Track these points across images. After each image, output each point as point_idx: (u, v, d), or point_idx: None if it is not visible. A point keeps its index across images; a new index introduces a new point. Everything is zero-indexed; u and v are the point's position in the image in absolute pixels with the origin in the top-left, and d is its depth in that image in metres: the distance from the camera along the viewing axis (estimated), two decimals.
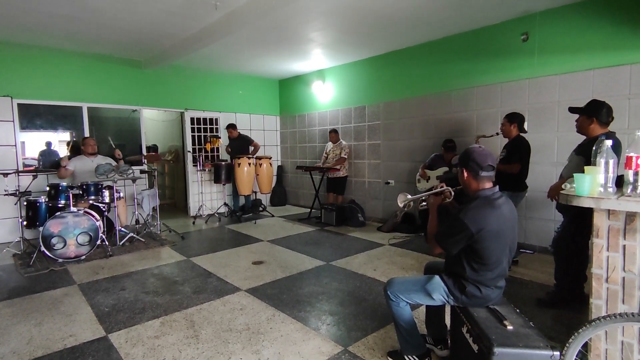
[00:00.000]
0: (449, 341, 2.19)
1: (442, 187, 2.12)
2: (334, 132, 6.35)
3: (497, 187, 1.91)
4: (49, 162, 5.70)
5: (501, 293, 1.93)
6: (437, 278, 1.97)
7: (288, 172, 8.08)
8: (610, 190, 1.72)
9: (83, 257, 4.12)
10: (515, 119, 3.64)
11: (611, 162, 1.72)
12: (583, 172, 1.74)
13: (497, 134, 3.83)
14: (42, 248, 3.92)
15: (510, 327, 1.68)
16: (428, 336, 2.30)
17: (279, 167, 8.13)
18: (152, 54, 5.80)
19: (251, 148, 6.48)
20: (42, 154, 6.04)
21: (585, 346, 1.69)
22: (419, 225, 5.29)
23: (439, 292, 1.94)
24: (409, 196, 2.20)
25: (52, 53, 5.38)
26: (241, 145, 6.50)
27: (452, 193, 2.10)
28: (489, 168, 1.85)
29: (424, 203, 2.21)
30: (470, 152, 1.90)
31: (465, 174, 1.91)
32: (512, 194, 3.38)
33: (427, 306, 2.24)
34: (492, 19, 4.40)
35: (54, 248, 3.97)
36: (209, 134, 6.91)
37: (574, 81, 3.96)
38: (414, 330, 2.06)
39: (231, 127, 6.51)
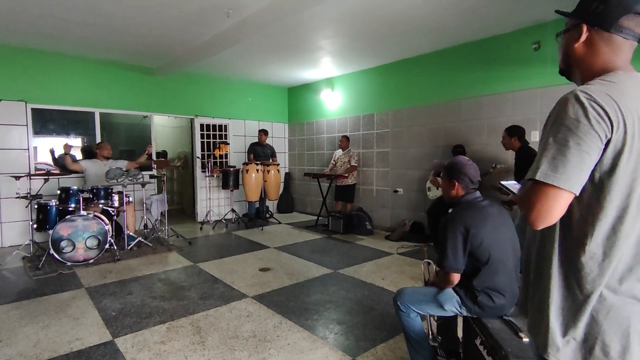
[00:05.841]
0: (462, 353, 2.13)
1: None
2: (345, 138, 6.30)
3: (478, 192, 1.98)
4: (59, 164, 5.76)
5: (515, 300, 1.87)
6: (449, 289, 1.92)
7: (295, 179, 8.08)
8: None
9: (91, 260, 4.13)
10: (515, 132, 3.80)
11: None
12: None
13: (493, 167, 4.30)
14: (52, 251, 3.94)
15: (526, 340, 1.62)
16: (439, 348, 2.24)
17: (286, 174, 8.13)
18: (164, 61, 5.88)
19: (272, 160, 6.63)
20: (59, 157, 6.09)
21: None
22: (428, 235, 5.22)
23: (451, 303, 1.89)
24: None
25: (66, 59, 5.48)
26: (265, 153, 6.60)
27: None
28: (478, 183, 1.97)
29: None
30: (462, 166, 1.95)
31: (456, 186, 1.96)
32: None
33: (438, 317, 2.18)
34: (503, 27, 4.39)
35: (63, 251, 3.99)
36: (217, 140, 6.96)
37: None
38: (424, 342, 2.00)
39: (264, 132, 6.58)
